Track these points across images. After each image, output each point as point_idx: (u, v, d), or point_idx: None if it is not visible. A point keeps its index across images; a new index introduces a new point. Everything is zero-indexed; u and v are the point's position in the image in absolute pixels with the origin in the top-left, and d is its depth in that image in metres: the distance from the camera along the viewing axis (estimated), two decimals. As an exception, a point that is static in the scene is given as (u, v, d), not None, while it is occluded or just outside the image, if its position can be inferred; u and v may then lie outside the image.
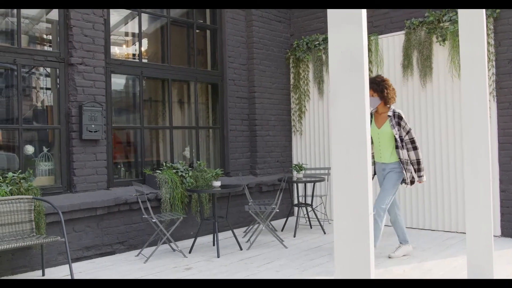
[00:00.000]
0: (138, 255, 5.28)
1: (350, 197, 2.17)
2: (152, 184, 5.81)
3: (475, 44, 3.60)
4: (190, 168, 6.21)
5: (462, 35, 3.66)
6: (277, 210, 5.66)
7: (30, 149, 5.19)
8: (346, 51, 2.17)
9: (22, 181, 4.66)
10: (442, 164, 6.14)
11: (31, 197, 4.57)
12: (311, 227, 6.65)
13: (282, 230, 6.50)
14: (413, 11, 6.38)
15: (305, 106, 7.51)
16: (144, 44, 6.54)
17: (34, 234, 4.56)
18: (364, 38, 2.14)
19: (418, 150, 4.83)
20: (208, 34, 7.10)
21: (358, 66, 2.14)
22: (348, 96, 2.17)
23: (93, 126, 5.29)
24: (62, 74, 5.29)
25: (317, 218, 6.46)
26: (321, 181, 6.39)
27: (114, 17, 6.02)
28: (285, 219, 6.83)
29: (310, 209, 6.93)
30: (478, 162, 3.60)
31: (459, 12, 3.67)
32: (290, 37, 7.70)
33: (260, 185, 7.02)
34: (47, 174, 5.28)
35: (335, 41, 2.20)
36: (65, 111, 5.30)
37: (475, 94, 3.61)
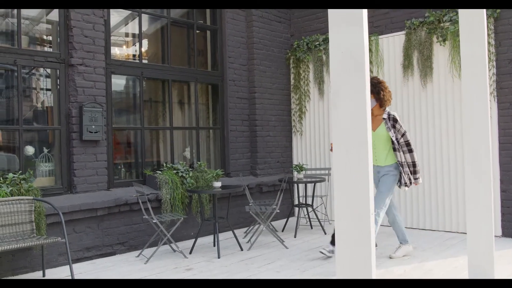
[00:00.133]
0: (138, 256, 5.28)
1: (351, 197, 2.17)
2: (152, 184, 5.81)
3: (476, 44, 3.60)
4: (190, 168, 6.21)
5: (463, 35, 3.66)
6: (277, 211, 5.66)
7: (30, 150, 5.19)
8: (347, 51, 2.16)
9: (22, 182, 4.66)
10: (443, 164, 6.14)
11: (32, 198, 4.57)
12: (312, 228, 6.65)
13: (283, 231, 6.50)
14: (413, 11, 6.38)
15: (305, 107, 7.51)
16: (144, 44, 6.54)
17: (35, 235, 4.55)
18: (365, 38, 2.13)
19: (413, 152, 4.79)
20: (208, 34, 7.09)
21: (359, 66, 2.14)
22: (349, 96, 2.17)
23: (93, 127, 5.29)
24: (62, 75, 5.29)
25: (317, 218, 6.46)
26: (321, 181, 6.39)
27: (114, 17, 6.01)
28: (285, 220, 6.83)
29: (310, 209, 6.93)
30: (479, 162, 3.60)
31: (460, 12, 3.67)
32: (290, 37, 7.70)
33: (260, 185, 7.02)
34: (48, 175, 5.28)
35: (336, 41, 2.20)
36: (65, 112, 5.30)
37: (476, 94, 3.61)
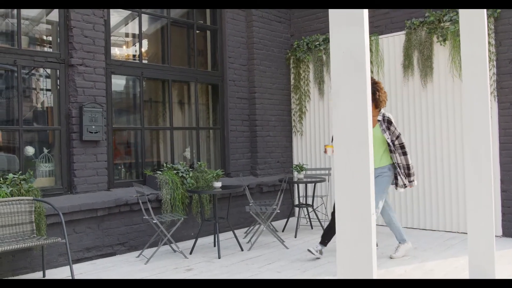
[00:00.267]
0: (139, 256, 5.28)
1: (352, 197, 2.16)
2: (152, 185, 5.81)
3: (476, 44, 3.59)
4: (190, 169, 6.20)
5: (463, 35, 3.65)
6: (278, 211, 5.65)
7: (30, 150, 5.19)
8: (348, 51, 2.16)
9: (22, 182, 4.66)
10: (443, 164, 6.13)
11: (32, 198, 4.57)
12: (312, 228, 6.65)
13: (283, 231, 6.50)
14: (413, 11, 6.38)
15: (305, 107, 7.50)
16: (144, 45, 6.54)
17: (35, 235, 4.55)
18: (365, 38, 2.13)
19: (407, 155, 4.77)
20: (208, 34, 7.09)
21: (359, 66, 2.14)
22: (349, 96, 2.17)
23: (93, 127, 5.29)
24: (62, 75, 5.28)
25: (318, 218, 6.46)
26: (321, 181, 6.39)
27: (114, 18, 6.01)
28: (286, 220, 6.83)
29: (311, 209, 6.92)
30: (479, 162, 3.59)
31: (460, 12, 3.67)
32: (291, 37, 7.70)
33: (260, 185, 7.01)
34: (48, 175, 5.28)
35: (337, 41, 2.20)
36: (65, 112, 5.29)
37: (476, 94, 3.60)
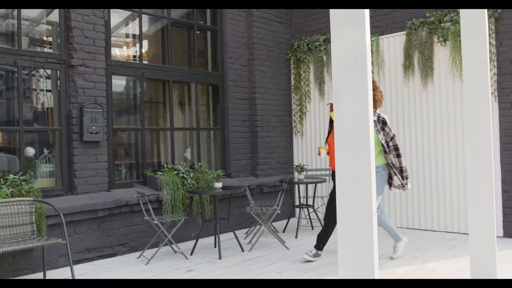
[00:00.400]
0: (139, 257, 5.27)
1: (354, 197, 2.16)
2: (153, 185, 5.80)
3: (477, 44, 3.59)
4: (191, 169, 6.20)
5: (464, 35, 3.65)
6: (278, 212, 5.65)
7: (31, 151, 5.18)
8: (349, 52, 2.16)
9: (23, 183, 4.65)
10: (444, 164, 6.12)
11: (32, 199, 4.56)
12: (313, 228, 6.64)
13: (284, 232, 6.49)
14: (414, 12, 6.38)
15: (306, 107, 7.50)
16: (144, 45, 6.53)
17: (35, 236, 4.54)
18: (367, 39, 2.13)
19: (401, 157, 4.69)
20: (208, 35, 7.09)
21: (361, 66, 2.13)
22: (351, 97, 2.16)
23: (94, 127, 5.28)
24: (62, 76, 5.28)
25: (318, 219, 6.45)
26: (322, 182, 6.38)
27: (115, 18, 6.01)
28: (286, 221, 6.82)
29: (311, 210, 6.92)
30: (480, 162, 3.59)
31: (461, 12, 3.66)
32: (291, 38, 7.70)
33: (261, 186, 7.01)
34: (48, 176, 5.27)
35: (338, 41, 2.19)
36: (65, 113, 5.29)
37: (477, 94, 3.59)
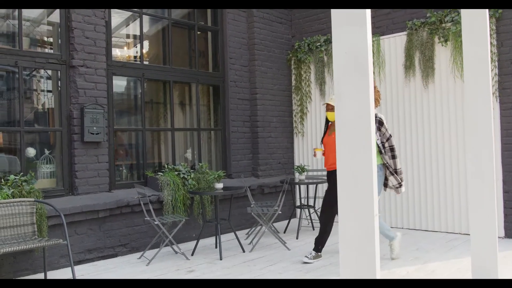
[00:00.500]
0: (140, 258, 5.27)
1: (355, 198, 2.16)
2: (154, 186, 5.80)
3: (478, 44, 3.58)
4: (192, 170, 6.19)
5: (465, 36, 3.64)
6: (279, 212, 5.64)
7: (31, 151, 5.18)
8: (350, 52, 2.16)
9: (23, 183, 4.65)
10: (445, 165, 6.12)
11: (33, 199, 4.56)
12: (314, 229, 6.63)
13: (285, 232, 6.49)
14: (414, 12, 6.37)
15: (306, 108, 7.50)
16: (145, 46, 6.54)
17: (36, 237, 4.54)
18: (368, 39, 2.13)
19: (396, 159, 4.65)
20: (209, 35, 7.09)
21: (362, 67, 2.14)
22: (352, 97, 2.16)
23: (94, 128, 5.28)
24: (63, 76, 5.28)
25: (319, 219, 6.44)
26: (323, 182, 6.38)
27: (115, 19, 6.01)
28: (287, 221, 6.82)
29: (312, 210, 6.91)
30: (482, 163, 3.58)
31: (462, 12, 3.66)
32: (292, 38, 7.69)
33: (262, 187, 7.00)
34: (49, 176, 5.27)
35: (339, 41, 2.19)
36: (66, 114, 5.29)
37: (478, 94, 3.59)
